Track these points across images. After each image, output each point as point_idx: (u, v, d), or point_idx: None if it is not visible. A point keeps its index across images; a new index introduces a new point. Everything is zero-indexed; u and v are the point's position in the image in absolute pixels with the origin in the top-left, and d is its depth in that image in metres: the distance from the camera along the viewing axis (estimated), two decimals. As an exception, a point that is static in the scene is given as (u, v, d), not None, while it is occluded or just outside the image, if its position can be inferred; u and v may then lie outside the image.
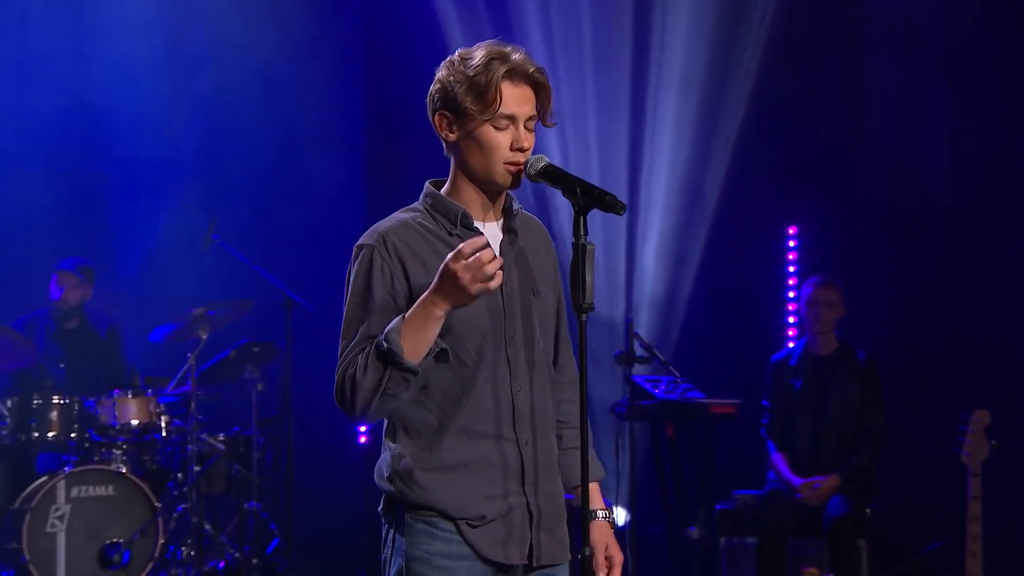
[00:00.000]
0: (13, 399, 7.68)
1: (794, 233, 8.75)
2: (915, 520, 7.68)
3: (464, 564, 3.44)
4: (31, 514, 7.27)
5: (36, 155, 8.98)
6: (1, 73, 8.94)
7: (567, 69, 8.99)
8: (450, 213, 3.52)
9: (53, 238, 8.74)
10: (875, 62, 8.68)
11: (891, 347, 8.23)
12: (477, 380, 3.47)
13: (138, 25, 9.14)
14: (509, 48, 3.50)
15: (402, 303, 3.43)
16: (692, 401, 7.50)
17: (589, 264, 3.41)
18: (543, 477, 3.52)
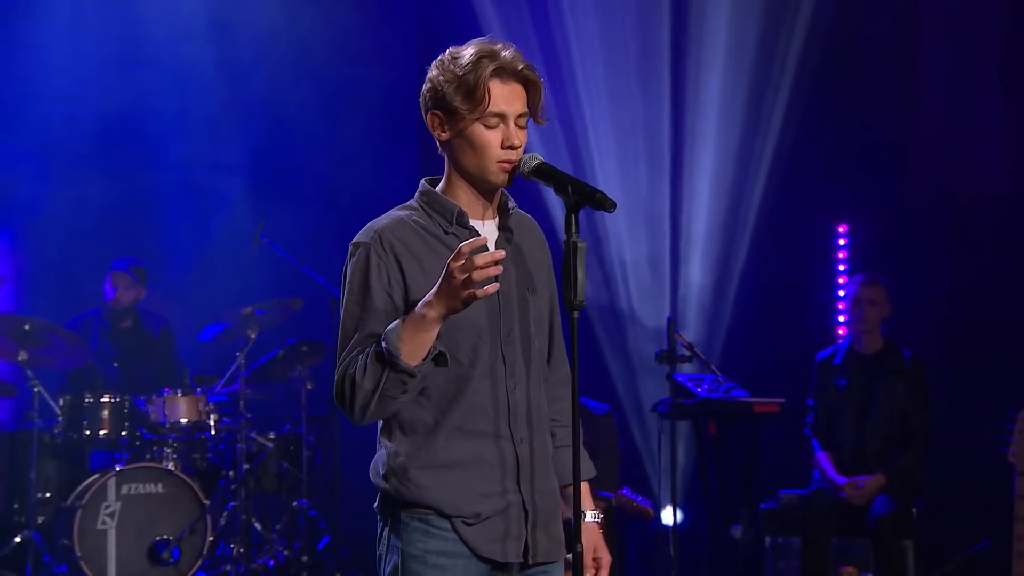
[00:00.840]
0: (65, 398, 7.74)
1: (844, 231, 8.66)
2: (962, 520, 7.58)
3: (460, 562, 3.43)
4: (82, 511, 7.29)
5: (90, 158, 9.06)
6: (56, 77, 9.01)
7: (608, 68, 8.95)
8: (446, 211, 3.50)
9: (107, 239, 8.79)
10: (926, 58, 8.56)
11: (940, 345, 8.16)
12: (473, 378, 3.46)
13: (191, 30, 9.19)
14: (499, 46, 3.47)
15: (399, 301, 3.43)
16: (735, 400, 7.44)
17: (580, 262, 3.38)
18: (539, 475, 3.51)
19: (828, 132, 8.78)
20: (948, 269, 8.37)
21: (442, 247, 3.45)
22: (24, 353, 7.72)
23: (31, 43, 9.03)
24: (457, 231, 3.49)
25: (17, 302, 8.99)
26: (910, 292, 8.15)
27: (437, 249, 3.46)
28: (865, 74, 8.72)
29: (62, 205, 9.02)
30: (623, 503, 7.13)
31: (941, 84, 8.54)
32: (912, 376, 7.54)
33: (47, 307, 8.66)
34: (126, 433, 7.74)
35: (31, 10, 8.99)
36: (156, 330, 8.50)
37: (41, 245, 9.06)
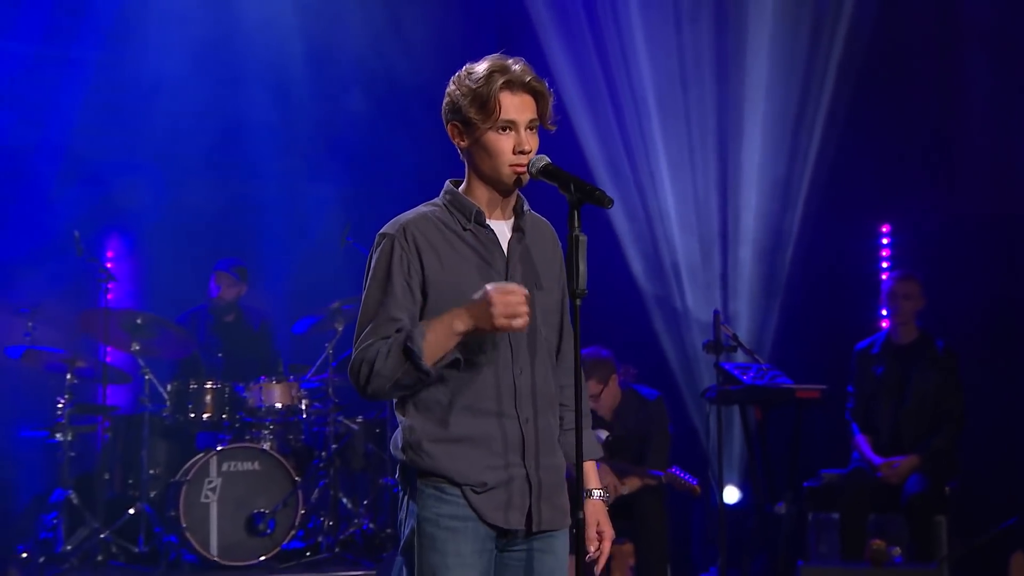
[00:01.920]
0: (173, 384, 7.93)
1: (887, 231, 8.62)
2: (995, 498, 7.53)
3: (469, 525, 3.47)
4: (188, 486, 7.44)
5: (200, 169, 9.23)
6: (170, 97, 9.13)
7: (657, 75, 8.92)
8: (466, 210, 3.56)
9: (213, 242, 8.95)
10: (967, 64, 8.51)
11: (977, 337, 8.14)
12: (482, 363, 3.50)
13: (288, 52, 9.33)
14: (510, 61, 3.53)
15: (416, 288, 3.50)
16: (779, 386, 7.39)
17: (581, 254, 3.43)
18: (544, 451, 3.55)
19: (871, 136, 8.73)
20: (985, 268, 8.32)
21: (459, 242, 3.54)
22: (137, 344, 7.90)
23: (149, 66, 9.19)
24: (475, 228, 3.56)
25: (133, 299, 9.20)
26: (949, 288, 8.12)
27: (454, 243, 3.54)
28: (908, 79, 8.67)
29: (175, 212, 9.18)
30: (672, 480, 7.23)
31: (983, 89, 8.47)
32: (945, 364, 7.54)
33: (160, 303, 8.89)
34: (227, 416, 7.89)
35: (148, 40, 9.16)
36: (256, 324, 8.68)
37: (156, 247, 9.27)
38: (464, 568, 3.47)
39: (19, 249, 8.70)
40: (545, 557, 3.57)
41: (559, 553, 3.59)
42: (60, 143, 9.01)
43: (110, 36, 9.10)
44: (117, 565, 7.58)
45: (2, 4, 8.88)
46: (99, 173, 9.10)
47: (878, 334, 7.78)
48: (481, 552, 3.50)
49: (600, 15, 9.07)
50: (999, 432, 7.62)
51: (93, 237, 8.79)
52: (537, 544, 3.56)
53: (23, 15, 8.91)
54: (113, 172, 9.14)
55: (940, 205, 8.49)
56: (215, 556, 7.42)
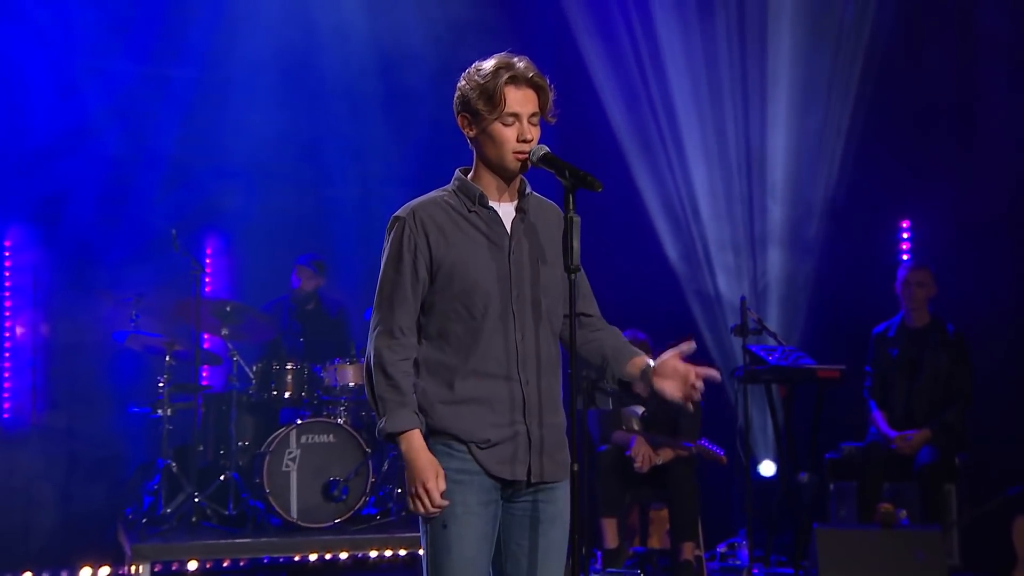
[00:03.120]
0: (258, 365, 8.01)
1: (906, 226, 8.58)
2: (1001, 468, 7.50)
3: (475, 479, 3.53)
4: (271, 456, 7.46)
5: (285, 175, 9.34)
6: (259, 111, 9.22)
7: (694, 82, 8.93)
8: (471, 193, 3.62)
9: (297, 240, 9.02)
10: (985, 71, 8.44)
11: (991, 324, 8.12)
12: (485, 330, 3.55)
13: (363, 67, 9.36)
14: (515, 58, 3.59)
15: (422, 266, 3.57)
16: (801, 367, 7.43)
17: (576, 233, 3.53)
18: (545, 410, 3.59)
19: (893, 138, 8.67)
20: (998, 262, 8.27)
21: (465, 223, 3.60)
22: (226, 329, 7.99)
23: (240, 82, 9.30)
24: (479, 210, 3.62)
25: (227, 289, 9.33)
26: (964, 280, 8.12)
27: (460, 224, 3.60)
28: (927, 85, 8.63)
29: (263, 213, 9.25)
30: (701, 451, 7.30)
31: (999, 94, 8.40)
32: (955, 347, 7.56)
33: (250, 293, 8.97)
34: (306, 394, 7.95)
35: (239, 59, 9.24)
36: (333, 311, 8.76)
37: (247, 245, 9.33)
38: (470, 516, 3.53)
39: (126, 247, 8.81)
40: (547, 506, 3.61)
41: (560, 503, 3.63)
42: (163, 152, 9.09)
43: (205, 56, 9.18)
44: (209, 526, 7.64)
45: (112, 30, 8.97)
46: (197, 179, 9.19)
47: (893, 319, 7.78)
48: (487, 503, 3.57)
49: (634, 21, 9.06)
50: (1007, 409, 7.57)
51: (192, 236, 8.84)
52: (540, 495, 3.61)
53: (130, 39, 9.03)
54: (210, 178, 9.22)
55: (957, 203, 8.44)
56: (295, 519, 7.45)
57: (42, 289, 8.88)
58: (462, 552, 3.54)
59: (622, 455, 7.21)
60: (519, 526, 3.63)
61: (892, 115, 8.64)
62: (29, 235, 8.86)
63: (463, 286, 3.56)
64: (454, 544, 3.53)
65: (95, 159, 8.91)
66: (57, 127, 8.81)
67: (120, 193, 8.98)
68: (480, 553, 3.57)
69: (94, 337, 8.69)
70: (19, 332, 8.88)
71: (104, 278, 8.53)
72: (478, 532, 3.56)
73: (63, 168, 8.82)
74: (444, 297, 3.60)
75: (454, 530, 3.53)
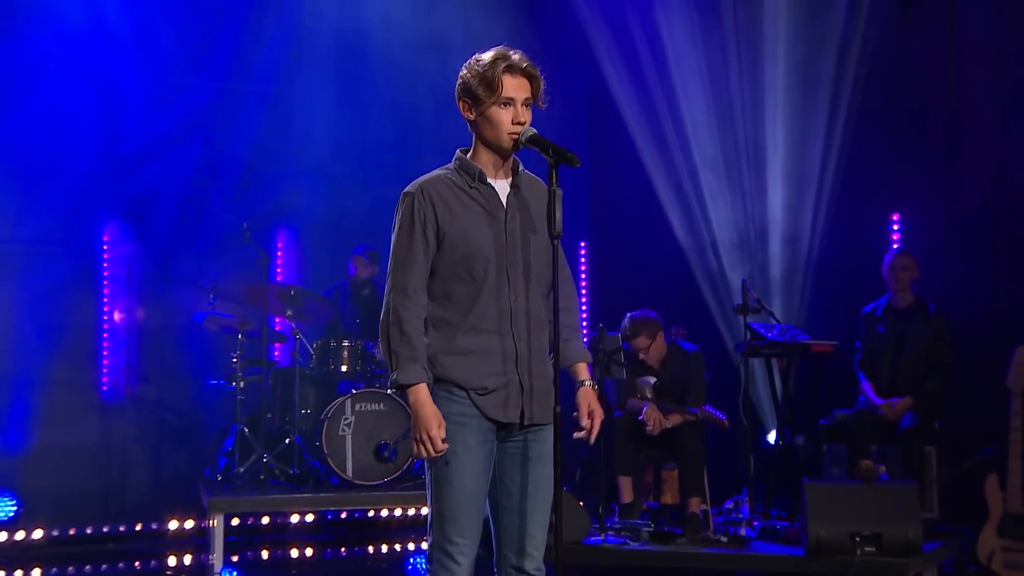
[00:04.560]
0: (318, 342, 8.14)
1: (897, 219, 8.52)
2: (977, 432, 7.46)
3: (473, 421, 3.61)
4: (328, 422, 7.61)
5: (344, 177, 9.42)
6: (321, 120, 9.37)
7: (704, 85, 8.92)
8: (471, 171, 3.66)
9: (355, 233, 9.04)
10: (971, 77, 8.33)
11: (974, 306, 8.06)
12: (483, 291, 3.60)
13: (409, 81, 9.44)
14: (511, 51, 3.64)
15: (431, 234, 3.61)
16: (797, 342, 7.41)
17: (558, 204, 3.58)
18: (534, 362, 3.65)
19: (884, 137, 8.59)
20: (981, 252, 8.20)
21: (467, 197, 3.64)
22: (290, 311, 8.13)
23: (306, 96, 9.46)
24: (479, 186, 3.66)
25: (293, 276, 9.43)
26: (947, 266, 8.09)
27: (462, 198, 3.64)
28: (916, 88, 8.53)
29: (326, 211, 9.38)
30: (706, 416, 7.35)
31: (984, 96, 8.29)
32: (936, 324, 7.53)
33: (314, 280, 9.10)
34: (360, 368, 8.05)
35: (305, 74, 9.44)
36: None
37: (311, 237, 9.47)
38: (469, 453, 3.60)
39: (205, 240, 8.99)
40: (536, 445, 3.69)
41: (547, 441, 3.69)
42: (237, 158, 9.23)
43: (274, 74, 9.34)
44: (276, 483, 7.78)
45: (194, 50, 9.13)
46: (268, 181, 9.35)
47: (881, 299, 7.74)
48: (483, 443, 3.63)
49: (648, 26, 9.08)
50: (982, 379, 7.50)
51: (264, 231, 9.03)
52: (530, 436, 3.68)
53: (210, 59, 9.19)
54: (279, 180, 9.38)
55: (943, 198, 8.37)
56: (350, 477, 7.58)
57: (135, 278, 9.04)
58: (463, 485, 3.60)
59: (636, 420, 7.27)
60: (512, 463, 3.69)
61: (884, 116, 8.57)
62: (123, 231, 9.02)
63: (464, 252, 3.61)
64: (455, 478, 3.60)
65: (179, 164, 9.07)
66: (147, 136, 8.96)
67: (200, 194, 9.14)
68: (478, 486, 3.63)
69: (178, 320, 8.86)
70: (117, 318, 9.06)
71: (186, 268, 8.69)
72: (476, 467, 3.62)
73: (152, 172, 8.97)
74: (447, 262, 3.64)
75: (455, 466, 3.59)
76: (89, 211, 8.82)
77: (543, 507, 3.71)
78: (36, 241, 8.67)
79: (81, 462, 8.65)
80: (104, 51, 8.82)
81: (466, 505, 3.62)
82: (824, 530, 6.36)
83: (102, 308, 9.00)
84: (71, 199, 8.71)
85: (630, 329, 7.40)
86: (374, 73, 9.43)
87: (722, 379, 7.91)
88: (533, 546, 3.70)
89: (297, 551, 8.40)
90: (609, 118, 9.25)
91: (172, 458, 8.93)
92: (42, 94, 8.63)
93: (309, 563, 8.12)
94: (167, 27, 9.02)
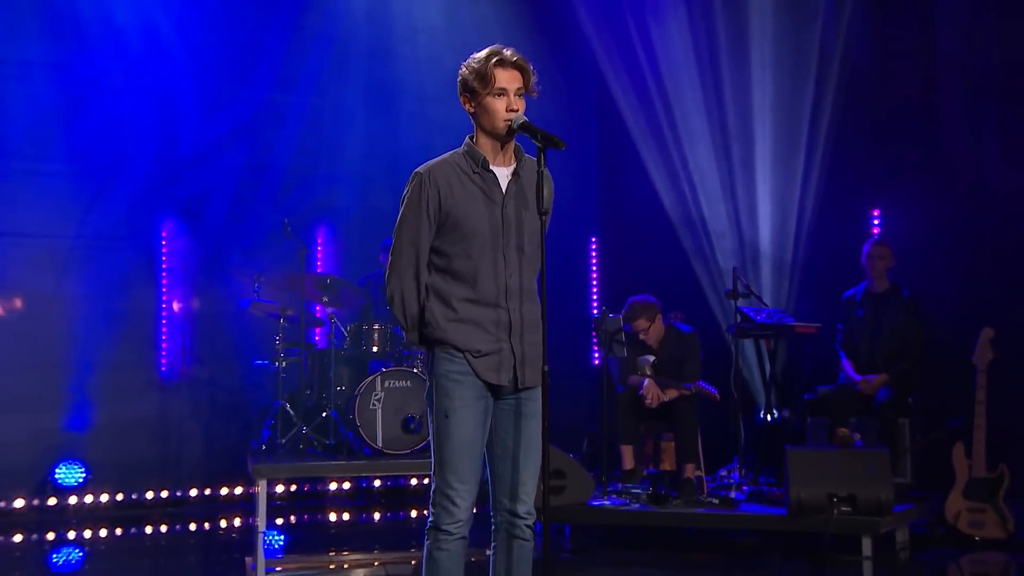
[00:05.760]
0: (351, 327, 8.03)
1: (877, 214, 8.55)
2: (947, 406, 7.54)
3: (469, 379, 3.69)
4: (360, 397, 7.50)
5: (378, 176, 9.25)
6: (355, 128, 9.37)
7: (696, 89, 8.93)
8: (476, 158, 3.72)
9: (385, 230, 9.02)
10: (943, 86, 8.38)
11: (948, 293, 8.13)
12: (482, 267, 3.68)
13: (439, 94, 9.21)
14: (503, 47, 3.70)
15: (432, 214, 3.69)
16: (783, 324, 7.48)
17: (544, 183, 3.66)
18: (527, 331, 3.73)
19: (866, 139, 8.61)
20: (950, 243, 8.25)
21: (469, 181, 3.70)
22: (326, 298, 8.11)
23: (341, 106, 9.49)
24: (481, 172, 3.71)
25: (332, 267, 9.44)
26: (922, 256, 8.13)
27: (465, 182, 3.70)
28: (895, 95, 8.58)
29: (361, 210, 9.37)
30: (699, 391, 7.43)
31: (955, 104, 8.34)
32: (910, 308, 7.59)
33: (349, 270, 9.08)
34: (389, 349, 7.96)
35: (347, 86, 9.46)
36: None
37: (348, 233, 9.44)
38: (465, 408, 3.70)
39: (252, 236, 9.02)
40: (528, 403, 3.78)
41: (537, 400, 3.78)
42: (282, 162, 9.25)
43: (316, 85, 9.36)
44: (313, 452, 7.76)
45: (243, 64, 9.18)
46: (310, 183, 9.37)
47: (859, 285, 7.81)
48: (479, 399, 3.72)
49: (645, 21, 9.11)
50: (952, 358, 7.53)
51: (305, 228, 9.03)
52: (523, 395, 3.77)
53: (257, 71, 9.21)
54: (319, 182, 9.40)
55: (919, 196, 8.41)
56: (380, 446, 7.51)
57: (189, 270, 9.10)
58: (461, 436, 3.69)
59: (636, 394, 7.38)
60: (506, 419, 3.78)
61: (865, 121, 8.62)
62: (179, 228, 9.06)
63: (465, 232, 3.67)
64: (454, 430, 3.69)
65: (229, 167, 9.12)
66: (200, 142, 9.02)
67: (248, 194, 9.18)
68: (475, 437, 3.72)
69: (227, 307, 8.91)
70: (176, 307, 9.21)
71: (235, 260, 8.71)
72: (473, 421, 3.70)
73: (205, 174, 9.03)
74: (449, 240, 3.71)
75: (454, 420, 3.69)
76: (149, 210, 8.91)
77: (534, 459, 3.78)
78: (102, 237, 8.75)
79: (142, 434, 8.74)
80: (161, 67, 8.93)
81: (464, 454, 3.69)
82: (804, 492, 6.46)
83: (161, 297, 9.08)
84: (133, 199, 8.81)
85: (631, 312, 7.50)
86: (402, 86, 9.47)
87: (716, 358, 7.96)
88: (525, 492, 3.78)
89: (335, 515, 8.54)
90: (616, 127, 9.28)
91: (222, 431, 8.97)
92: (107, 105, 8.74)
93: (347, 525, 8.22)
94: (217, 45, 9.09)
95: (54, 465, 8.32)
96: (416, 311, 3.76)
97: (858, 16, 8.53)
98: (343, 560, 6.87)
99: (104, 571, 6.64)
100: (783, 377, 7.80)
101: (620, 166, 9.62)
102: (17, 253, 8.50)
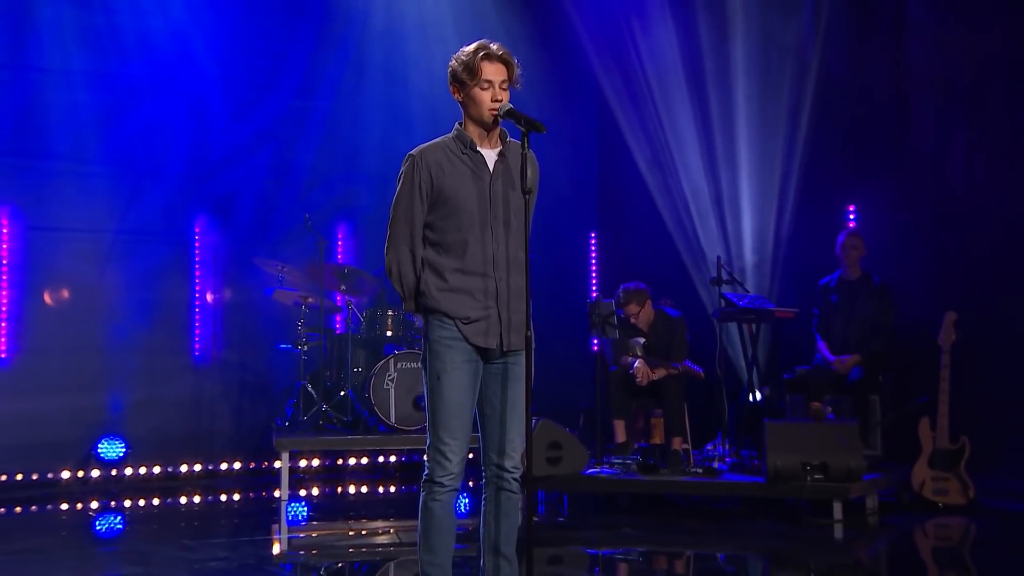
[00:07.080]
0: (367, 313, 8.14)
1: (852, 209, 8.54)
2: (914, 384, 7.56)
3: (460, 344, 3.72)
4: (375, 378, 7.59)
5: (393, 177, 9.36)
6: (373, 127, 9.26)
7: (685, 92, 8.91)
8: (464, 141, 3.74)
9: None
10: (913, 92, 8.36)
11: (917, 281, 8.11)
12: (471, 240, 3.69)
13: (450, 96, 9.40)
14: (490, 42, 3.70)
15: (424, 193, 3.71)
16: (764, 309, 7.50)
17: (527, 164, 3.66)
18: (512, 299, 3.74)
19: (841, 141, 8.58)
20: (919, 236, 8.24)
21: (459, 162, 3.71)
22: (343, 286, 8.16)
23: (360, 111, 9.42)
24: (470, 153, 3.73)
25: (351, 259, 9.41)
26: (893, 248, 8.14)
27: (455, 163, 3.71)
28: (868, 99, 8.54)
29: (378, 207, 9.08)
30: (686, 370, 7.48)
31: (925, 109, 8.32)
32: (880, 294, 7.62)
33: (368, 261, 9.09)
34: (401, 333, 8.04)
35: (366, 91, 9.40)
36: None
37: (366, 228, 9.42)
38: (456, 371, 3.73)
39: (277, 231, 9.03)
40: (514, 367, 3.81)
41: (522, 366, 3.80)
42: (305, 163, 9.23)
43: (336, 92, 9.37)
44: (332, 428, 7.84)
45: (268, 73, 9.16)
46: (331, 183, 9.34)
47: (834, 273, 7.84)
48: (469, 362, 3.75)
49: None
50: (919, 340, 7.58)
51: (327, 224, 9.04)
52: (509, 360, 3.80)
53: (282, 79, 9.22)
54: (339, 182, 9.37)
55: (891, 192, 8.39)
56: (393, 423, 7.58)
57: (220, 262, 9.09)
58: (453, 397, 3.72)
59: (628, 373, 7.43)
60: (494, 380, 3.81)
61: (841, 122, 8.61)
62: (211, 223, 9.05)
63: (454, 207, 3.70)
64: (446, 391, 3.73)
65: (256, 168, 9.12)
66: (229, 145, 9.02)
67: (273, 193, 9.18)
68: (466, 397, 3.75)
69: (254, 296, 8.92)
70: (208, 297, 9.25)
71: (261, 253, 8.69)
72: (464, 382, 3.74)
73: (234, 175, 9.03)
74: (441, 215, 3.74)
75: (445, 381, 3.73)
76: (183, 207, 8.92)
77: (519, 418, 3.81)
78: (141, 232, 8.76)
79: (177, 413, 8.76)
80: (193, 76, 8.95)
81: (455, 413, 3.73)
82: (780, 461, 6.51)
83: (194, 287, 9.08)
84: (168, 198, 8.83)
85: (622, 297, 7.56)
86: (416, 93, 9.44)
87: (702, 340, 7.98)
88: (512, 448, 3.83)
89: (354, 487, 8.59)
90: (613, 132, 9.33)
91: (250, 410, 8.98)
92: (144, 111, 8.77)
93: (364, 497, 8.24)
94: (244, 55, 9.11)
95: (97, 440, 8.36)
96: (412, 281, 3.80)
97: (834, 25, 8.54)
98: (361, 528, 6.93)
99: (143, 536, 6.73)
100: (764, 358, 7.82)
101: (618, 171, 9.63)
102: (63, 247, 8.55)
